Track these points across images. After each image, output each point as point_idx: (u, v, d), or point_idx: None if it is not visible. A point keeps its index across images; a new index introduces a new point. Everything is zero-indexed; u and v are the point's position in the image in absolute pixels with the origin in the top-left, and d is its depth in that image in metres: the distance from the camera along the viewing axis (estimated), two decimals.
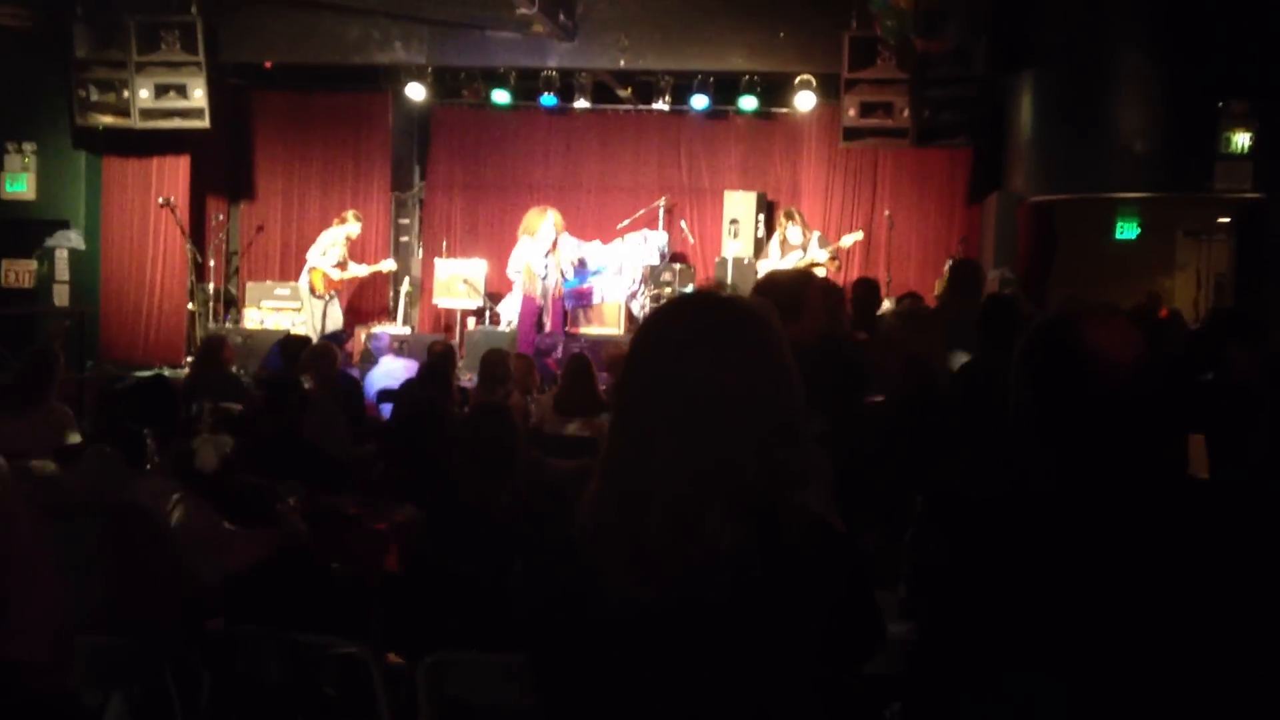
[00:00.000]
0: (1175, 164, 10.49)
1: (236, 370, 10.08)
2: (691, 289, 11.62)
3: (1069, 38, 10.98)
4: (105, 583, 3.98)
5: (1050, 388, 1.98)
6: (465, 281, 13.44)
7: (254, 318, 13.34)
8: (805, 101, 12.61)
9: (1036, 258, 11.38)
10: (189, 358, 12.55)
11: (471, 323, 13.54)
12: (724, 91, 13.08)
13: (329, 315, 12.84)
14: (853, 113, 11.96)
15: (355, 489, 5.98)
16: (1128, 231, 11.85)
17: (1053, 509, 1.94)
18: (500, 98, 13.35)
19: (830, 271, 11.91)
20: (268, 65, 13.63)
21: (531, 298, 12.54)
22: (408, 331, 13.14)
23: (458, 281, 13.51)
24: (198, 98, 12.59)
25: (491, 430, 4.29)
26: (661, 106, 13.39)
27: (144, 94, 12.60)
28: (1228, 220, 11.56)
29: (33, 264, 13.02)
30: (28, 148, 13.10)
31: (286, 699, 3.91)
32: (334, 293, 12.97)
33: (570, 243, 13.16)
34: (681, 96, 13.21)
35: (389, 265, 13.66)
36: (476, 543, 4.01)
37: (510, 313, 13.11)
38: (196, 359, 10.26)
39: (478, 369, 8.37)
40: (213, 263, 13.69)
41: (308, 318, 12.78)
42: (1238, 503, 2.11)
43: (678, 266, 13.26)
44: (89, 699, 3.66)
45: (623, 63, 12.67)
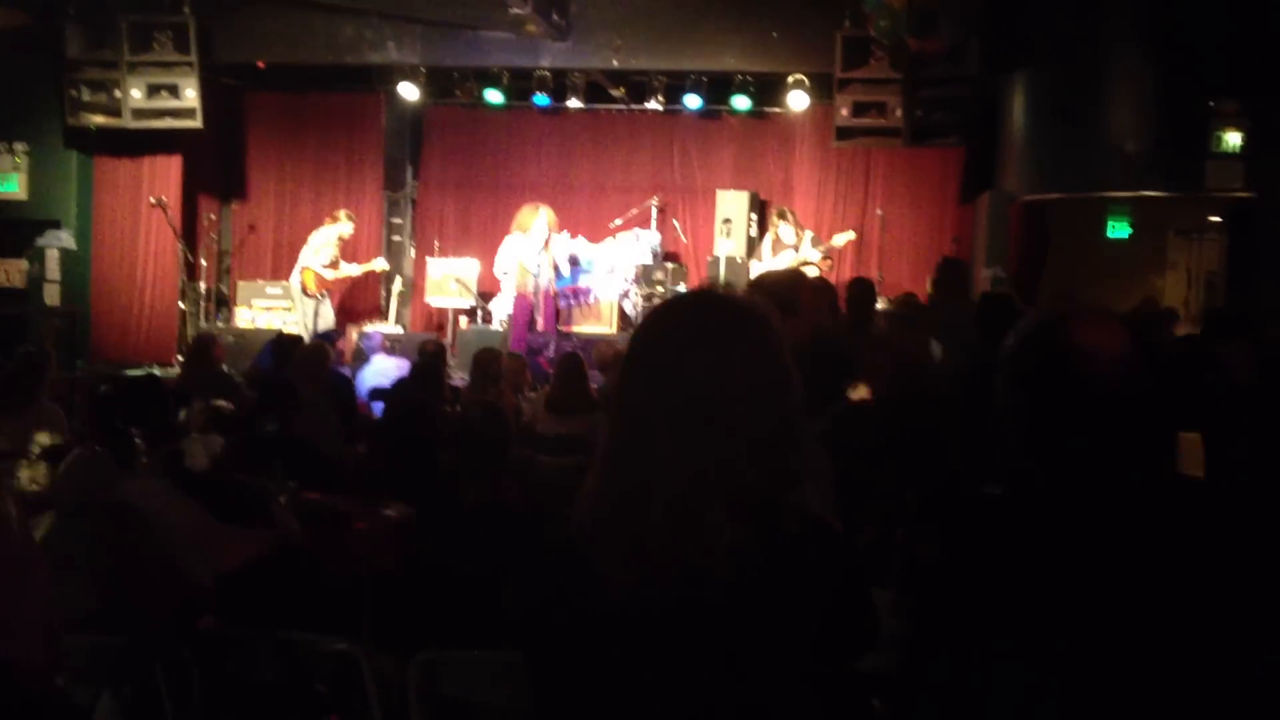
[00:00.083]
0: (1167, 163, 10.50)
1: (228, 369, 10.05)
2: (690, 287, 11.64)
3: (1061, 38, 10.99)
4: (96, 582, 3.98)
5: (1039, 388, 1.98)
6: (457, 281, 13.44)
7: (245, 317, 13.33)
8: (798, 101, 12.62)
9: (1028, 257, 11.39)
10: (180, 357, 12.52)
11: (464, 322, 13.54)
12: (717, 91, 13.08)
13: (320, 314, 12.83)
14: (845, 112, 11.97)
15: (347, 487, 5.98)
16: (1119, 230, 11.86)
17: (1043, 508, 1.94)
18: (493, 97, 13.34)
19: (823, 271, 11.93)
20: (260, 65, 13.60)
21: (524, 295, 12.53)
22: (400, 330, 13.13)
23: (450, 281, 13.51)
24: (190, 98, 12.58)
25: (484, 429, 4.30)
26: (654, 106, 13.39)
27: (136, 94, 12.60)
28: (1219, 219, 11.58)
29: (24, 263, 12.99)
30: (19, 147, 13.07)
31: (278, 697, 3.91)
32: (325, 292, 12.97)
33: (562, 241, 13.16)
34: (674, 96, 13.20)
35: (381, 264, 13.65)
36: (469, 540, 4.01)
37: (502, 312, 13.10)
38: (187, 358, 10.25)
39: (469, 368, 8.37)
40: (204, 262, 13.65)
41: (300, 317, 12.76)
42: (1228, 501, 2.11)
43: (670, 266, 13.26)
44: (80, 697, 3.65)
45: (616, 62, 12.67)
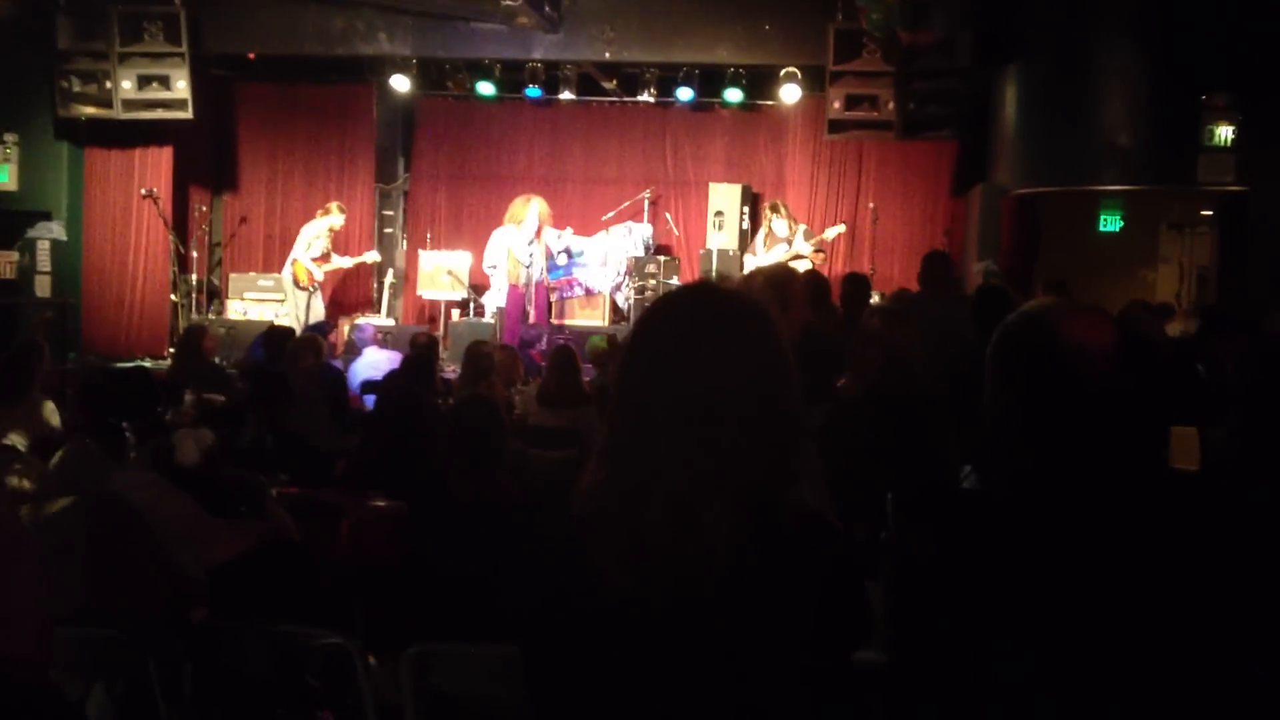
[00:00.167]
0: (1158, 157, 10.52)
1: (219, 361, 10.03)
2: (684, 280, 11.64)
3: (1053, 31, 11.00)
4: (87, 575, 3.97)
5: (1026, 382, 1.98)
6: (449, 273, 13.43)
7: (237, 309, 13.30)
8: (790, 94, 12.63)
9: (1021, 250, 11.41)
10: (172, 349, 12.51)
11: (456, 314, 13.53)
12: (709, 84, 13.08)
13: (312, 307, 12.81)
14: (838, 105, 11.98)
15: (339, 480, 5.96)
16: (1111, 224, 11.89)
17: (1031, 503, 1.94)
18: (485, 89, 13.33)
19: (816, 264, 11.93)
20: (251, 56, 13.59)
21: (516, 287, 12.53)
22: (392, 323, 13.12)
23: (442, 273, 13.50)
24: (181, 89, 12.54)
25: (477, 422, 4.29)
26: (647, 99, 13.39)
27: (126, 85, 12.56)
28: (1210, 213, 11.60)
29: (14, 255, 12.95)
30: (9, 138, 13.03)
31: (270, 691, 3.91)
32: (317, 284, 12.95)
33: (554, 233, 13.15)
34: (667, 89, 13.21)
35: (373, 257, 13.64)
36: (461, 534, 4.01)
37: (494, 304, 13.09)
38: (178, 350, 10.23)
39: (461, 360, 8.36)
40: (196, 254, 13.64)
41: (291, 309, 12.75)
42: (1217, 496, 2.11)
43: (662, 259, 13.26)
44: (71, 691, 3.65)
45: (608, 55, 12.65)
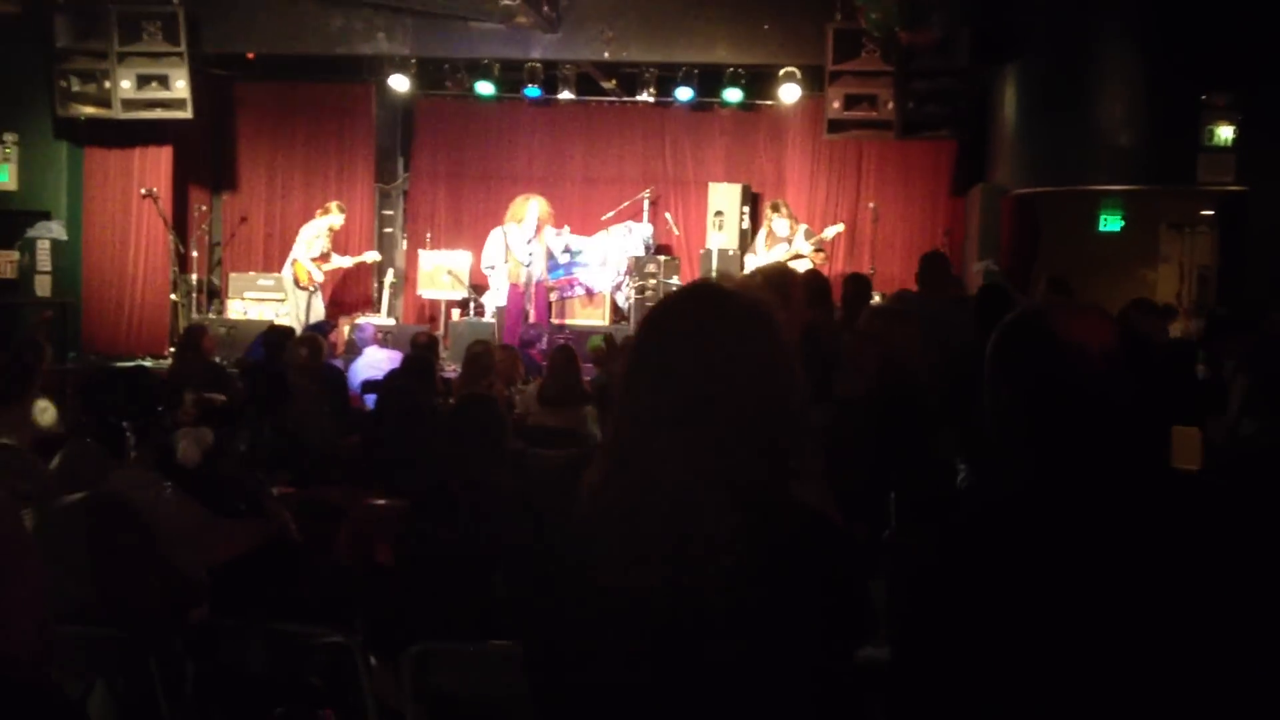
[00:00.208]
0: (1158, 156, 10.52)
1: (220, 361, 10.03)
2: (684, 280, 11.62)
3: (1053, 30, 11.00)
4: (89, 574, 3.97)
5: (1025, 382, 1.98)
6: (449, 273, 13.42)
7: (237, 309, 13.30)
8: (790, 94, 12.62)
9: (1020, 250, 11.41)
10: (172, 349, 12.51)
11: (456, 314, 13.53)
12: (708, 83, 13.08)
13: (312, 307, 12.81)
14: (837, 105, 11.98)
15: (340, 480, 5.97)
16: (1111, 224, 11.88)
17: (1031, 503, 1.93)
18: (484, 89, 13.32)
19: (816, 264, 11.93)
20: (250, 56, 13.57)
21: (517, 287, 12.52)
22: (392, 323, 13.11)
23: (442, 273, 13.50)
24: (180, 88, 12.53)
25: (478, 421, 4.29)
26: (646, 98, 13.38)
27: (126, 84, 12.54)
28: (1211, 212, 11.60)
29: (14, 254, 12.94)
30: (9, 138, 13.01)
31: (271, 689, 3.91)
32: (317, 284, 12.95)
33: (553, 233, 13.15)
34: (666, 88, 13.20)
35: (373, 256, 13.64)
36: (462, 533, 4.01)
37: (494, 304, 13.08)
38: (178, 349, 10.23)
39: (462, 360, 8.36)
40: (195, 254, 13.63)
41: (292, 309, 12.75)
42: (1218, 495, 2.11)
43: (662, 258, 13.25)
44: (72, 689, 3.65)
45: (607, 54, 12.65)
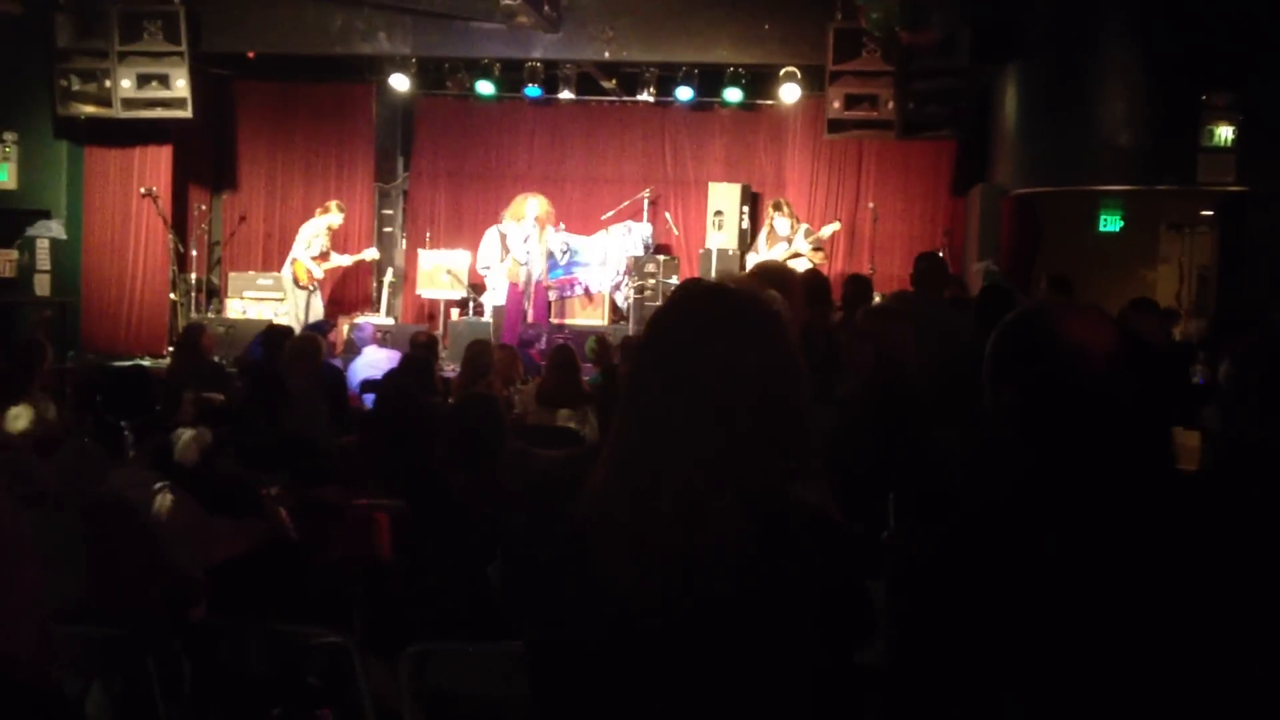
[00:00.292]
0: (1158, 157, 10.51)
1: (219, 360, 10.02)
2: (682, 278, 11.61)
3: (1053, 30, 11.00)
4: (86, 573, 3.96)
5: (1024, 381, 1.97)
6: (449, 272, 13.42)
7: (236, 308, 13.29)
8: (790, 93, 12.62)
9: (1020, 250, 11.40)
10: (171, 348, 12.50)
11: (455, 313, 13.52)
12: (709, 83, 13.08)
13: (312, 306, 12.82)
14: (837, 105, 11.97)
15: (338, 479, 5.95)
16: (1111, 224, 11.87)
17: (1030, 503, 1.93)
18: (484, 89, 13.32)
19: (816, 263, 11.92)
20: (251, 55, 13.57)
21: (516, 286, 12.52)
22: (391, 322, 13.11)
23: (441, 272, 13.50)
24: (180, 88, 12.54)
25: (477, 420, 4.29)
26: (646, 98, 13.38)
27: (126, 84, 12.55)
28: (1211, 213, 11.60)
29: (14, 254, 12.93)
30: (9, 137, 13.01)
31: (269, 689, 3.90)
32: (317, 283, 12.95)
33: (553, 234, 13.15)
34: (666, 88, 13.21)
35: (372, 254, 13.65)
36: (461, 533, 4.00)
37: (491, 304, 13.08)
38: (177, 348, 10.22)
39: (461, 359, 8.35)
40: (195, 253, 13.63)
41: (291, 308, 12.75)
42: (1212, 496, 2.11)
43: (662, 258, 13.24)
44: (70, 689, 3.64)
45: (607, 54, 12.65)
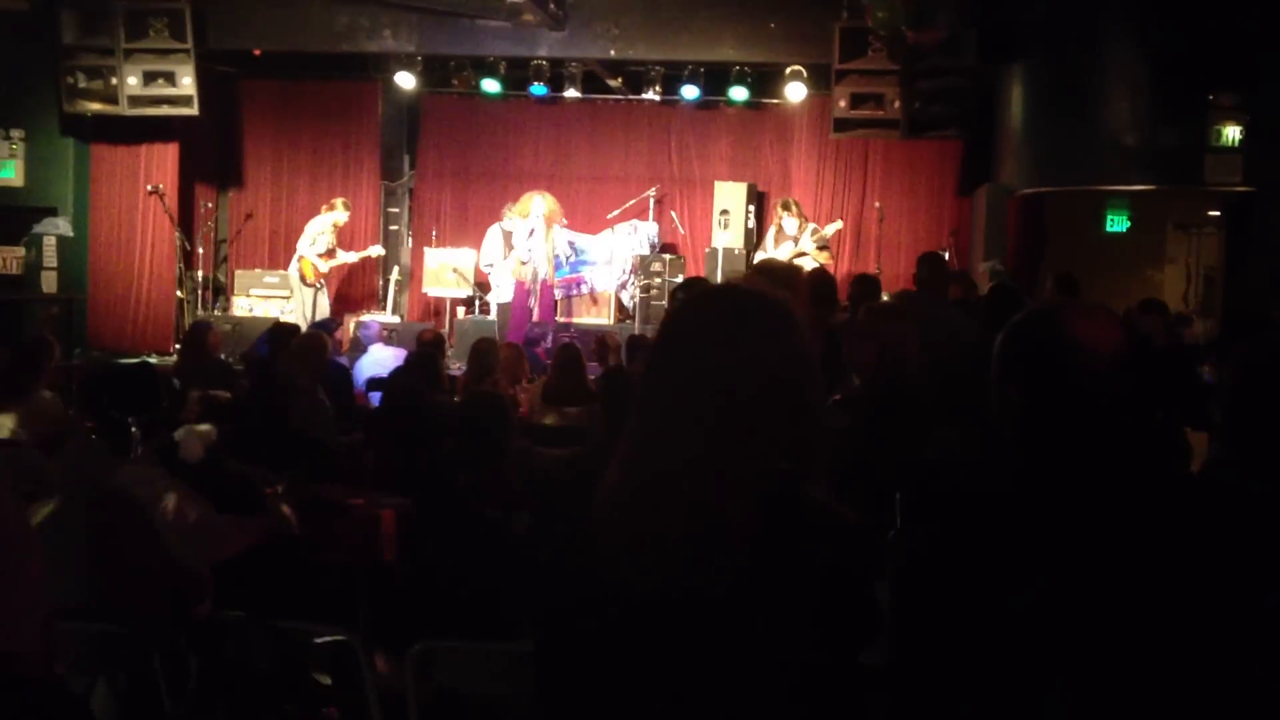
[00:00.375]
0: (1165, 157, 10.49)
1: (225, 358, 10.03)
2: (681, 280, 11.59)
3: (1059, 30, 10.98)
4: (92, 570, 3.97)
5: (1032, 381, 1.97)
6: (455, 270, 13.43)
7: (243, 306, 13.30)
8: (796, 92, 12.61)
9: (1026, 250, 11.39)
10: (177, 345, 12.51)
11: (461, 312, 13.53)
12: (714, 82, 13.07)
13: (319, 304, 12.83)
14: (843, 104, 11.97)
15: (344, 477, 5.96)
16: (1118, 224, 11.86)
17: (1036, 503, 1.93)
18: (490, 87, 13.33)
19: (822, 262, 11.91)
20: (257, 53, 13.58)
21: (523, 285, 12.53)
22: (397, 320, 13.13)
23: (447, 270, 13.51)
24: (186, 85, 12.55)
25: (484, 419, 4.29)
26: (652, 97, 13.38)
27: (132, 81, 12.57)
28: (1218, 213, 11.58)
29: (20, 251, 12.94)
30: (15, 134, 13.03)
31: (274, 687, 3.91)
32: (323, 281, 12.97)
33: (561, 232, 13.16)
34: (672, 87, 13.21)
35: (377, 250, 13.64)
36: (466, 531, 4.01)
37: (495, 302, 13.08)
38: (183, 346, 10.23)
39: (467, 358, 8.36)
40: (201, 250, 13.63)
41: (298, 305, 12.76)
42: (1212, 497, 2.10)
43: (667, 257, 13.24)
44: (75, 685, 3.65)
45: (613, 52, 12.65)
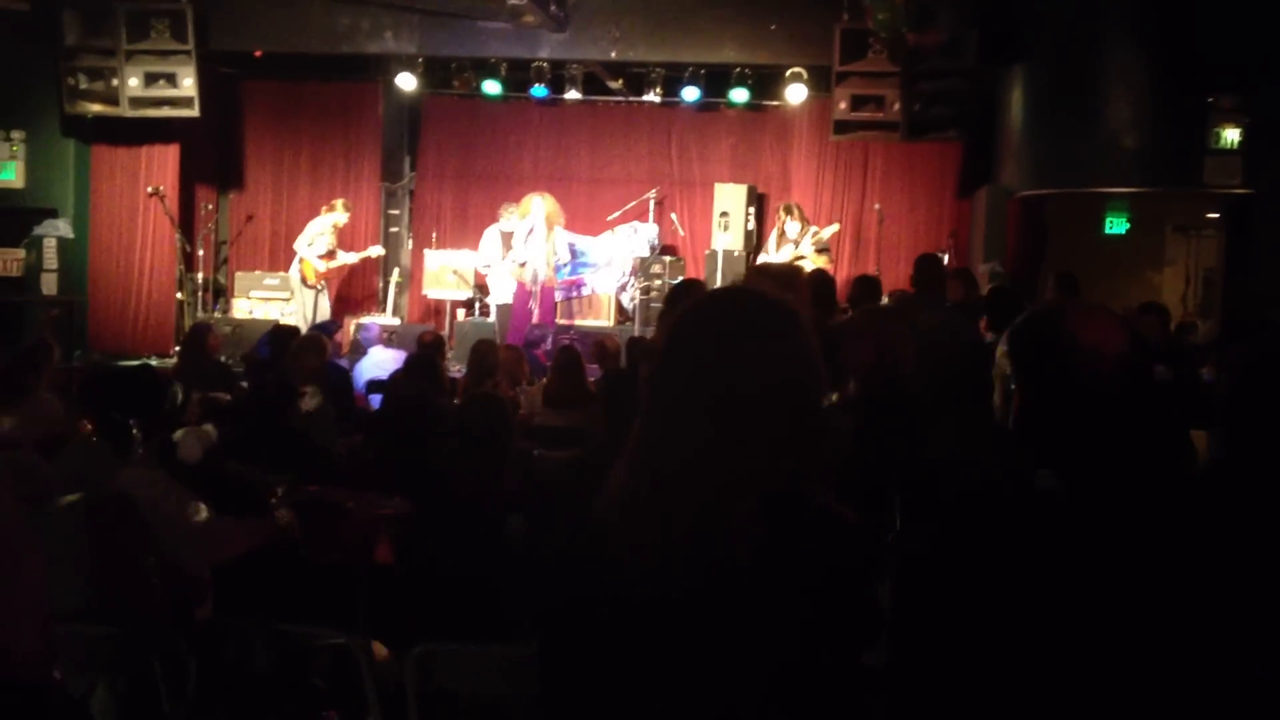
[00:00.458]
0: (1165, 159, 10.50)
1: (225, 360, 10.03)
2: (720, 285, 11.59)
3: (1059, 32, 10.98)
4: (92, 572, 3.97)
5: (1035, 382, 1.97)
6: (455, 272, 13.43)
7: (243, 307, 13.29)
8: (796, 94, 12.62)
9: (1026, 252, 11.39)
10: (177, 347, 12.51)
11: (461, 314, 13.53)
12: (715, 84, 13.08)
13: (319, 305, 12.83)
14: (844, 106, 11.97)
15: (344, 480, 5.96)
16: (1117, 226, 11.86)
17: (1039, 505, 1.93)
18: (491, 88, 13.33)
19: (821, 265, 11.91)
20: (258, 54, 13.58)
21: (523, 286, 12.52)
22: (397, 322, 13.11)
23: (447, 272, 13.51)
24: (187, 86, 12.56)
25: (485, 421, 4.29)
26: (652, 98, 13.38)
27: (133, 82, 12.57)
28: (1217, 215, 11.58)
29: (21, 252, 12.95)
30: (16, 135, 13.02)
31: (274, 689, 3.91)
32: (324, 282, 12.97)
33: (562, 234, 13.15)
34: (672, 88, 13.21)
35: (377, 251, 13.63)
36: (467, 533, 4.01)
37: (494, 303, 13.07)
38: (182, 348, 10.23)
39: (467, 360, 8.36)
40: (201, 252, 13.64)
41: (298, 307, 12.76)
42: (1210, 499, 2.11)
43: (668, 259, 13.24)
44: (74, 688, 3.65)
45: (614, 54, 12.66)
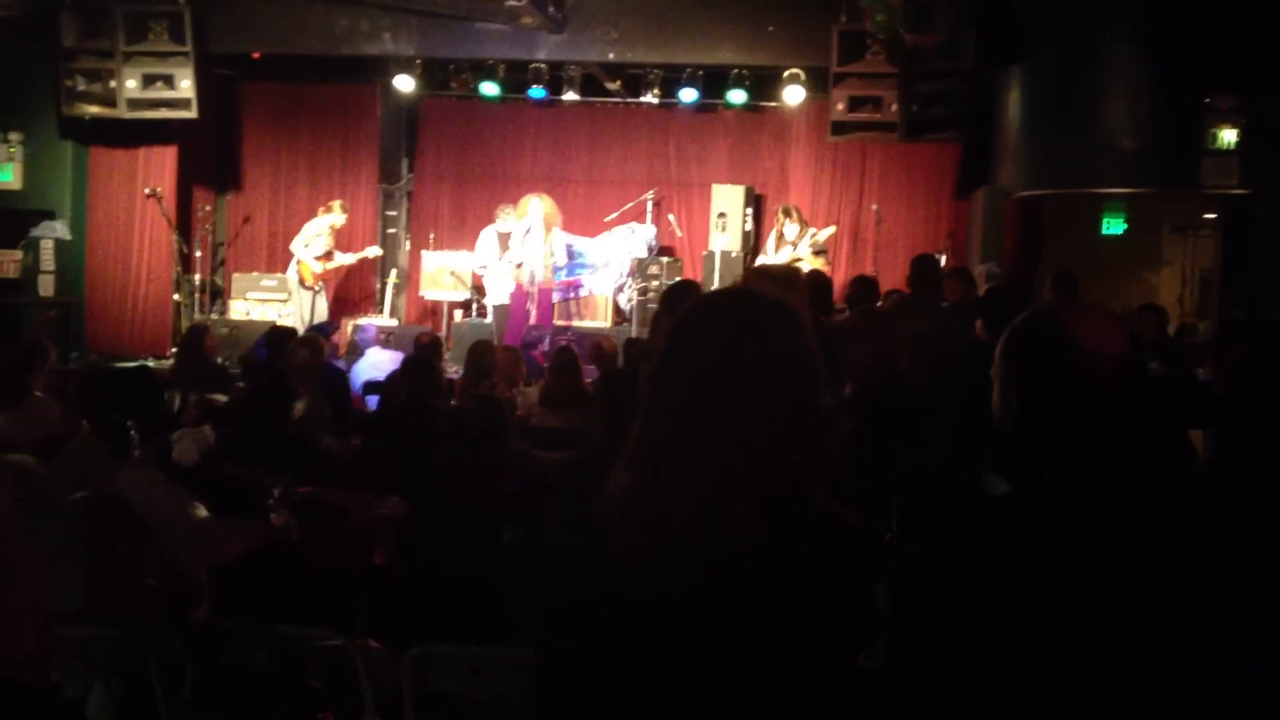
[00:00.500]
0: (1162, 160, 10.50)
1: (222, 361, 10.03)
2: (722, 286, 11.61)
3: (1057, 33, 10.99)
4: (88, 574, 3.97)
5: (1033, 383, 1.97)
6: (452, 274, 13.43)
7: (240, 309, 13.27)
8: (794, 95, 12.62)
9: (1023, 253, 11.40)
10: (174, 349, 12.51)
11: (458, 315, 13.53)
12: (713, 85, 13.08)
13: (317, 307, 12.83)
14: (841, 107, 11.98)
15: (341, 481, 5.96)
16: (1114, 227, 11.88)
17: (1038, 505, 1.93)
18: (489, 90, 13.33)
19: (818, 266, 11.92)
20: (256, 56, 13.59)
21: (521, 287, 12.53)
22: (394, 323, 13.11)
23: (445, 273, 13.51)
24: (185, 88, 12.55)
25: (482, 422, 4.29)
26: (650, 99, 13.38)
27: (131, 84, 12.57)
28: (1214, 216, 11.59)
29: (18, 254, 12.94)
30: (14, 137, 13.02)
31: (271, 691, 3.91)
32: (322, 283, 12.97)
33: (560, 235, 13.16)
34: (670, 90, 13.21)
35: (375, 251, 13.63)
36: (465, 534, 4.01)
37: (490, 304, 13.08)
38: (179, 349, 10.24)
39: (464, 361, 8.36)
40: (199, 254, 13.63)
41: (296, 308, 12.75)
42: (1208, 499, 2.11)
43: (665, 260, 13.24)
44: (71, 690, 3.65)
45: (612, 55, 12.66)
